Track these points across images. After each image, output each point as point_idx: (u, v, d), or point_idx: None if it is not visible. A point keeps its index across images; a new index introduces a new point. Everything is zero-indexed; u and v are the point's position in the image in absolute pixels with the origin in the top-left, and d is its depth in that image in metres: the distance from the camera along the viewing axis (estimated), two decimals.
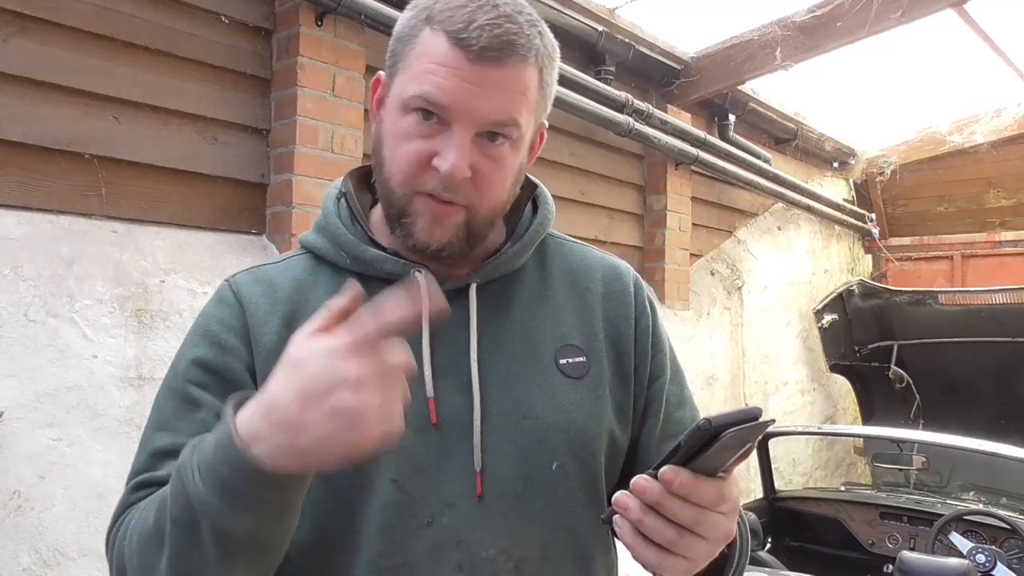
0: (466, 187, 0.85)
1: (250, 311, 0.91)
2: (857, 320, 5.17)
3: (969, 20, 3.96)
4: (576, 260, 1.03)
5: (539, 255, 1.01)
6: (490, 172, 0.86)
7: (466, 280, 0.92)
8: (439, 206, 0.86)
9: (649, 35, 3.87)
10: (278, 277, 0.94)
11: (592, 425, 0.92)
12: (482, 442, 0.86)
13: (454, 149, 0.82)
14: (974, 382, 4.81)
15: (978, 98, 5.17)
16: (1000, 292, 4.60)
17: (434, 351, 0.88)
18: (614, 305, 0.99)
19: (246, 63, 2.54)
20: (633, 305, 1.00)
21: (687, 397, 1.04)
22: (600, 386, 0.93)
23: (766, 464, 3.73)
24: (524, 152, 0.91)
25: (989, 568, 2.98)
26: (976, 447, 3.25)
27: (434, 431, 0.86)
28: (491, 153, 0.85)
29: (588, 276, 1.01)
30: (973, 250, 5.96)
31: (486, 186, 0.86)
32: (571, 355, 0.93)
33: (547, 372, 0.92)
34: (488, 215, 0.89)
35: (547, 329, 0.94)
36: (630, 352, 0.97)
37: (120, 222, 2.27)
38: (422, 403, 0.86)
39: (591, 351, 0.95)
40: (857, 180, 6.20)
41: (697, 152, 4.07)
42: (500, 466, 0.87)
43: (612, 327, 0.98)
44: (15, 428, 1.91)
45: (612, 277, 1.02)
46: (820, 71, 4.31)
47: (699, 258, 4.63)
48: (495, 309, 0.93)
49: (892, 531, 3.48)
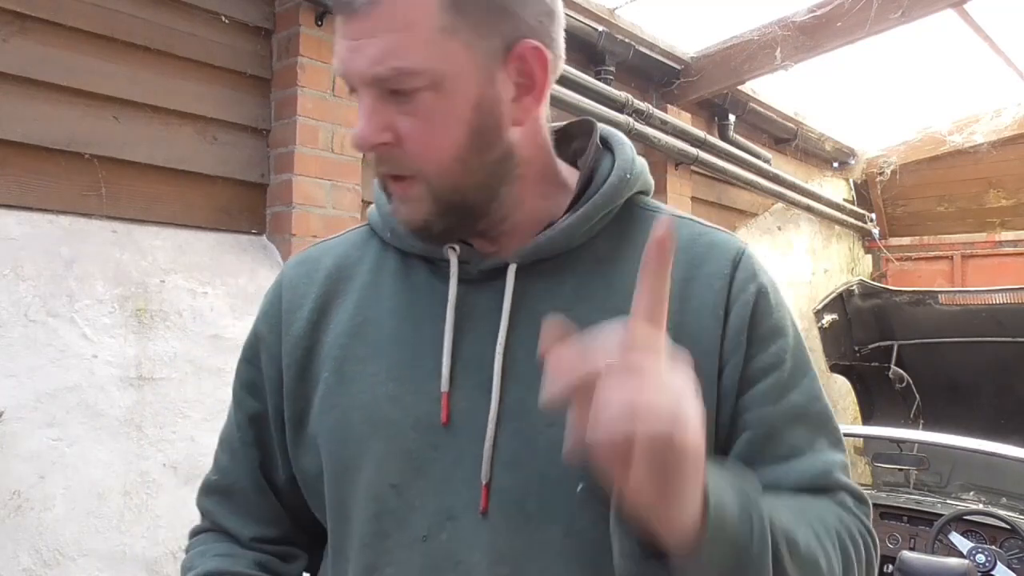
0: (398, 155, 0.74)
1: (287, 296, 0.88)
2: (857, 320, 5.16)
3: (969, 20, 3.96)
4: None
5: (620, 227, 0.82)
6: (413, 131, 0.72)
7: (505, 259, 0.79)
8: (393, 183, 0.77)
9: (649, 35, 3.87)
10: (325, 255, 0.89)
11: None
12: (494, 450, 0.74)
13: (361, 117, 0.74)
14: (974, 382, 4.81)
15: (978, 98, 5.17)
16: (1000, 292, 4.60)
17: (459, 340, 0.78)
18: (699, 292, 0.79)
19: (246, 63, 2.54)
20: (727, 289, 0.79)
21: (813, 413, 0.79)
22: None
23: None
24: (473, 92, 0.73)
25: (989, 568, 2.98)
26: (976, 447, 3.25)
27: (443, 432, 0.76)
28: (407, 109, 0.72)
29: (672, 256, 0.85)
30: (973, 250, 5.96)
31: (419, 147, 0.73)
32: None
33: None
34: (447, 180, 0.74)
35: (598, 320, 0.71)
36: (714, 352, 0.77)
37: (120, 222, 2.27)
38: (434, 399, 0.76)
39: None
40: (857, 180, 6.19)
41: (697, 152, 4.07)
42: (512, 479, 0.73)
43: (693, 317, 0.77)
44: (15, 428, 1.91)
45: (704, 257, 0.81)
46: (820, 71, 4.31)
47: None
48: (541, 294, 0.78)
49: (892, 531, 3.48)
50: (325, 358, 0.83)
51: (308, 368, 0.84)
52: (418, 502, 0.75)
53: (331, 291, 0.86)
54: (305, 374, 0.84)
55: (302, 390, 0.84)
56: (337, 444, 0.80)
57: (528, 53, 0.75)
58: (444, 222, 0.76)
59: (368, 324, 0.82)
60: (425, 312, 0.80)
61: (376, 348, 0.81)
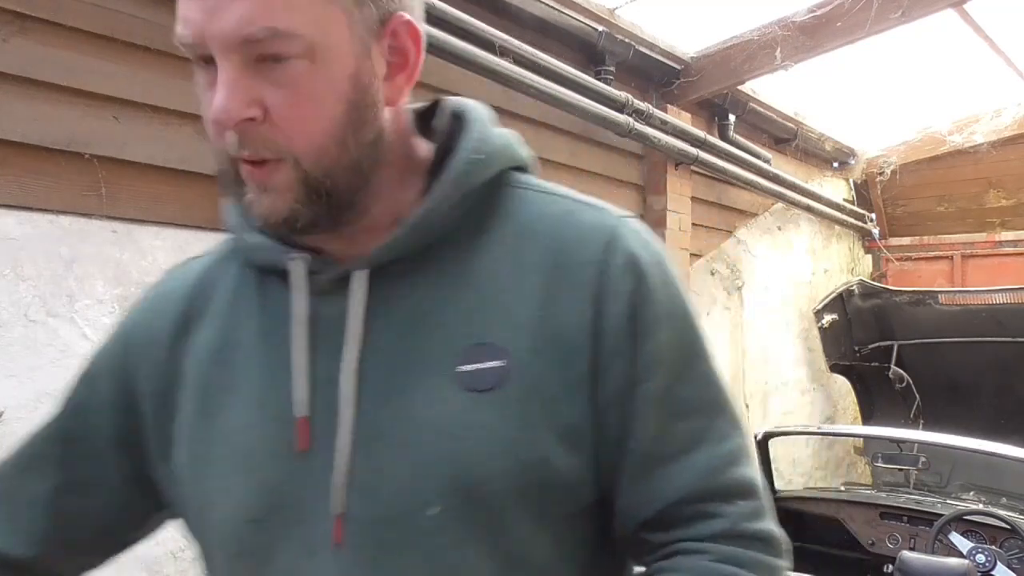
0: (266, 133, 0.64)
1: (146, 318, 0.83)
2: (857, 320, 5.16)
3: (969, 20, 3.95)
4: (529, 219, 0.74)
5: (484, 211, 0.74)
6: (286, 103, 0.64)
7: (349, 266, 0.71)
8: (253, 170, 0.66)
9: (649, 35, 3.87)
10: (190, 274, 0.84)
11: (499, 455, 0.67)
12: (350, 476, 0.68)
13: (219, 88, 0.63)
14: (974, 382, 4.81)
15: (978, 98, 5.17)
16: (1000, 292, 4.60)
17: (316, 359, 0.71)
18: (565, 283, 0.71)
19: None
20: (595, 282, 0.70)
21: (705, 401, 0.74)
22: (527, 400, 0.68)
23: (766, 464, 3.73)
24: (350, 64, 0.66)
25: (989, 568, 2.98)
26: (976, 447, 3.25)
27: (302, 460, 0.70)
28: (278, 79, 0.63)
29: (535, 241, 0.73)
30: (973, 250, 5.96)
31: (291, 123, 0.64)
32: (482, 358, 0.68)
33: (441, 384, 0.68)
34: (320, 162, 0.66)
35: (455, 322, 0.70)
36: (583, 349, 0.69)
37: (120, 222, 2.27)
38: (289, 424, 0.70)
39: (517, 352, 0.68)
40: (857, 180, 6.19)
41: (697, 152, 4.07)
42: (368, 508, 0.67)
43: (559, 314, 0.70)
44: (15, 428, 1.91)
45: (573, 241, 0.72)
46: (820, 71, 4.31)
47: (699, 258, 4.62)
48: (398, 299, 0.71)
49: (892, 531, 3.48)
50: (187, 388, 0.76)
51: (170, 398, 0.78)
52: (279, 538, 0.69)
53: (190, 314, 0.79)
54: (167, 404, 0.78)
55: (164, 422, 0.78)
56: (197, 480, 0.74)
57: (401, 28, 0.69)
58: (311, 213, 0.67)
59: (229, 349, 0.76)
60: (281, 331, 0.73)
61: (237, 375, 0.74)
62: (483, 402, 0.68)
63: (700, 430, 0.72)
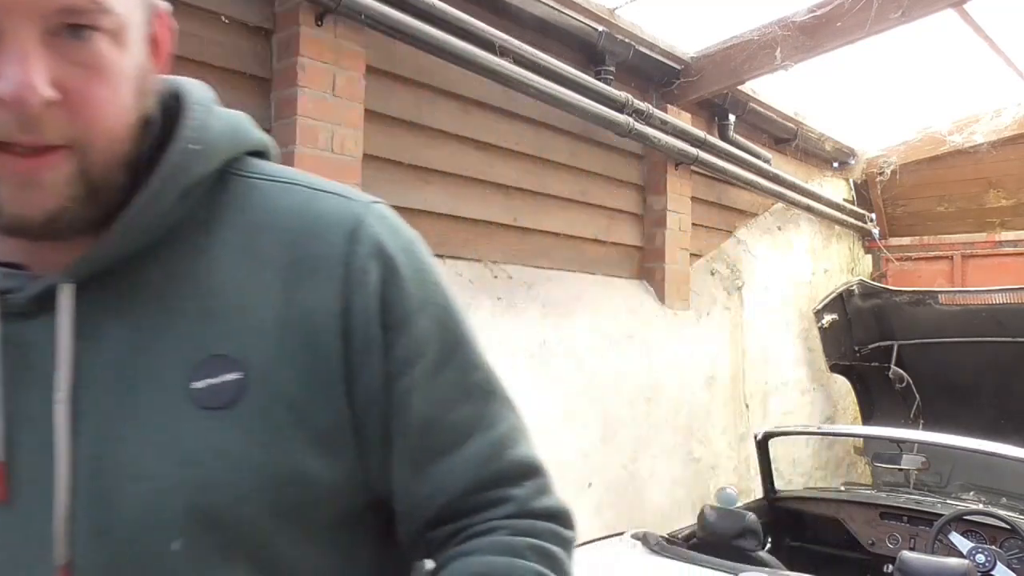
0: (56, 117, 0.56)
1: None
2: (857, 320, 5.16)
3: (969, 20, 3.96)
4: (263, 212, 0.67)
5: (210, 207, 0.67)
6: (87, 84, 0.57)
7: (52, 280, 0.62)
8: (23, 160, 0.57)
9: (649, 35, 3.87)
10: None
11: (245, 476, 0.61)
12: (71, 522, 0.60)
13: (15, 61, 0.55)
14: (974, 382, 4.81)
15: (978, 98, 5.17)
16: (1000, 292, 4.60)
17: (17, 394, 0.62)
18: (306, 279, 0.65)
19: (246, 63, 2.54)
20: (340, 275, 0.65)
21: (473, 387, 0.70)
22: (271, 412, 0.62)
23: (766, 464, 3.73)
24: (137, 50, 0.62)
25: (989, 568, 2.98)
26: (976, 447, 3.25)
27: (5, 511, 0.61)
28: (81, 57, 0.57)
29: (271, 236, 0.66)
30: (973, 250, 5.96)
31: (88, 107, 0.58)
32: (215, 372, 0.62)
33: (172, 405, 0.61)
34: (108, 154, 0.60)
35: (184, 334, 0.63)
36: (332, 349, 0.64)
37: None
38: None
39: (256, 359, 0.62)
40: (857, 180, 6.20)
41: (697, 152, 4.07)
42: (99, 553, 0.60)
43: (302, 314, 0.64)
44: None
45: (310, 234, 0.66)
46: (820, 71, 4.31)
47: (699, 258, 4.63)
48: (112, 315, 0.63)
49: (892, 531, 3.48)
50: None
51: None
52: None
53: None
54: None
55: None
56: None
57: (161, 19, 0.66)
58: (81, 212, 0.60)
59: None
60: None
61: None
62: (221, 420, 0.61)
63: (471, 417, 0.69)
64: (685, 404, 4.28)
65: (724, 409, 4.68)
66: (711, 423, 4.52)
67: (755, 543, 2.92)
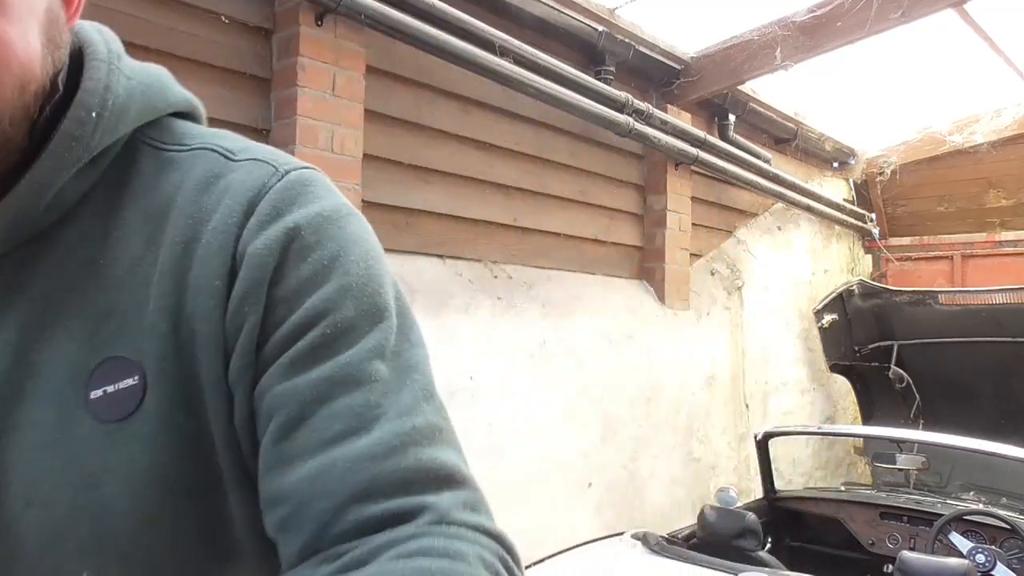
0: None
1: None
2: (857, 320, 5.16)
3: (969, 20, 3.96)
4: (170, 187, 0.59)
5: (115, 181, 0.59)
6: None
7: None
8: None
9: (649, 35, 3.87)
10: None
11: (151, 496, 0.53)
12: None
13: None
14: (974, 382, 4.81)
15: (978, 98, 5.17)
16: (1000, 292, 4.60)
17: None
18: (198, 258, 0.56)
19: (246, 63, 2.54)
20: (232, 245, 0.56)
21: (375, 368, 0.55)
22: (171, 419, 0.54)
23: (766, 464, 3.73)
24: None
25: (989, 568, 2.98)
26: (976, 447, 3.25)
27: None
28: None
29: (179, 210, 0.57)
30: (973, 250, 5.96)
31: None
32: (112, 378, 0.53)
33: (66, 418, 0.53)
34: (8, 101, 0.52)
35: (80, 333, 0.54)
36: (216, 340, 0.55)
37: None
38: None
39: (152, 360, 0.54)
40: (857, 180, 6.20)
41: (697, 152, 4.07)
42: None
43: (192, 298, 0.55)
44: None
45: (215, 207, 0.57)
46: (820, 71, 4.31)
47: (699, 258, 4.63)
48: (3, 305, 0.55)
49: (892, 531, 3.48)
50: None
51: None
52: None
53: None
54: None
55: None
56: None
57: None
58: None
59: None
60: None
61: None
62: (120, 434, 0.53)
63: (374, 405, 0.53)
64: (685, 404, 4.28)
65: (724, 409, 4.68)
66: (711, 423, 4.52)
67: (755, 543, 2.92)
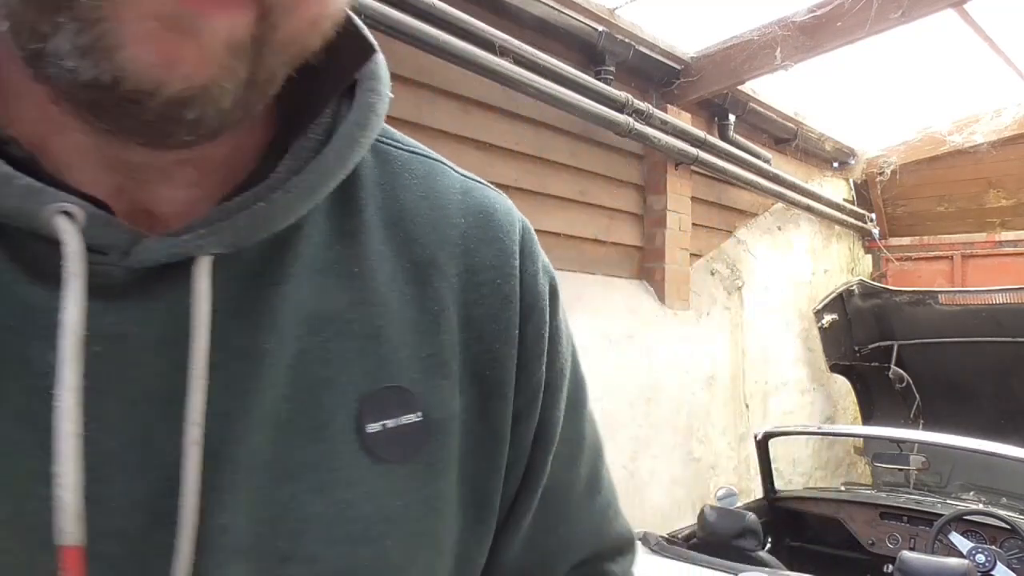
0: None
1: None
2: (857, 320, 5.17)
3: (969, 20, 3.96)
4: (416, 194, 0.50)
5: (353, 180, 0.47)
6: None
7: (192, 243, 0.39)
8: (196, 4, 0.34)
9: (649, 35, 3.87)
10: None
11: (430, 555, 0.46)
12: None
13: None
14: (974, 382, 4.81)
15: (978, 98, 5.17)
16: (1000, 292, 4.60)
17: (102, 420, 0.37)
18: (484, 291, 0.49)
19: None
20: (518, 289, 0.50)
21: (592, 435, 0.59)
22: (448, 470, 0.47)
23: (766, 464, 3.73)
24: None
25: (989, 568, 2.98)
26: (976, 447, 3.25)
27: None
28: None
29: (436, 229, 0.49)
30: (973, 250, 5.96)
31: None
32: (393, 411, 0.44)
33: (340, 453, 0.43)
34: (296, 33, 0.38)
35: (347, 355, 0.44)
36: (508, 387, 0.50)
37: None
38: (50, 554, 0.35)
39: (435, 396, 0.46)
40: (857, 180, 6.20)
41: (697, 152, 4.07)
42: None
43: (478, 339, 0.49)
44: None
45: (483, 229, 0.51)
46: (820, 71, 4.31)
47: (699, 258, 4.63)
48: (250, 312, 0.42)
49: (892, 531, 3.48)
50: None
51: None
52: None
53: None
54: None
55: None
56: None
57: None
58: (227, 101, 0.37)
59: None
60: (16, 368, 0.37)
61: None
62: (401, 476, 0.44)
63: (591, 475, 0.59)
64: (685, 404, 4.28)
65: (724, 409, 4.68)
66: (711, 423, 4.52)
67: (755, 543, 2.93)
